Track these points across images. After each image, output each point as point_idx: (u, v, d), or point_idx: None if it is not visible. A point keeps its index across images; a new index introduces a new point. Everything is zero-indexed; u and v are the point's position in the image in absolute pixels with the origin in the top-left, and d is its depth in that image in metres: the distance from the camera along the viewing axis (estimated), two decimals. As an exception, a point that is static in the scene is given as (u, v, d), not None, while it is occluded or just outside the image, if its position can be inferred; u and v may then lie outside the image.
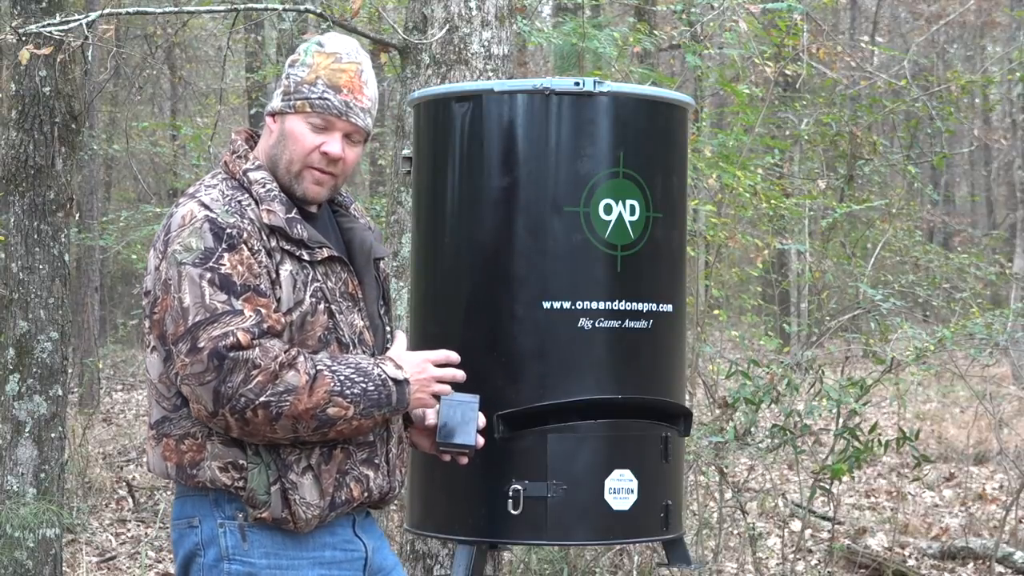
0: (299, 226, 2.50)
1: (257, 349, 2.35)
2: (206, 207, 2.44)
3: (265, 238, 2.46)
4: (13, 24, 5.17)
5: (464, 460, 2.69)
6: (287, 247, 2.48)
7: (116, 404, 13.66)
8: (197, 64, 17.02)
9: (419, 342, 3.23)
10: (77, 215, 8.36)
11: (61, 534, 5.60)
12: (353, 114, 2.55)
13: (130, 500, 8.39)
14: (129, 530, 7.75)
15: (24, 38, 5.01)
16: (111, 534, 7.58)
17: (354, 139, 2.58)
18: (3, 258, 5.67)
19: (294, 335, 2.46)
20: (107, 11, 5.53)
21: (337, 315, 2.51)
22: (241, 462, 2.44)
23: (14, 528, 5.40)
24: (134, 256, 12.34)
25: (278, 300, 2.44)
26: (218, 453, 2.45)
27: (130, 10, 6.05)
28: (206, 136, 10.15)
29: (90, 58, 7.98)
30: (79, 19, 4.89)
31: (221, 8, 5.60)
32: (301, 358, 2.39)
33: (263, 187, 2.51)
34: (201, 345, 2.35)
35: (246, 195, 2.50)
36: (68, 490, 7.13)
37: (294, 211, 2.52)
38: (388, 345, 2.66)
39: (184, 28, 12.77)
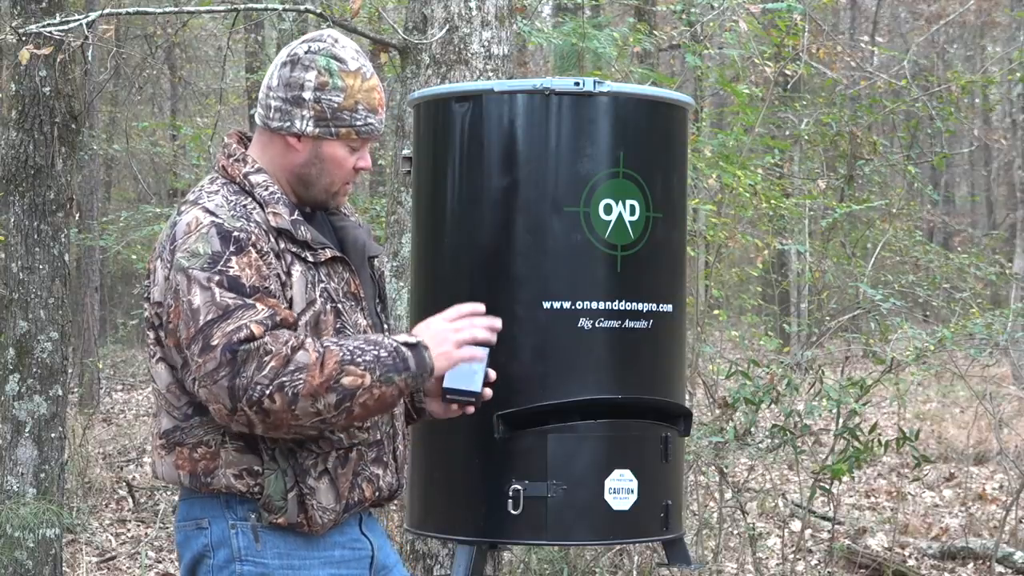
0: (303, 228, 2.50)
1: (268, 336, 2.32)
2: (211, 213, 2.43)
3: (273, 240, 2.45)
4: (13, 24, 5.17)
5: (470, 409, 2.62)
6: (293, 249, 2.48)
7: (116, 404, 13.66)
8: (197, 64, 17.02)
9: (419, 342, 3.23)
10: (77, 215, 8.35)
11: (61, 534, 5.60)
12: (382, 128, 2.60)
13: (130, 500, 8.39)
14: (129, 530, 7.75)
15: (24, 38, 5.01)
16: (111, 534, 7.58)
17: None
18: (3, 258, 5.67)
19: (308, 335, 2.45)
20: (107, 11, 5.54)
21: (342, 315, 2.51)
22: (257, 468, 2.43)
23: (14, 528, 5.40)
24: (134, 256, 12.32)
25: (289, 301, 2.44)
26: (232, 460, 2.44)
27: (130, 10, 6.05)
28: (206, 136, 10.15)
29: (90, 58, 7.98)
30: (79, 19, 4.89)
31: (221, 8, 5.60)
32: (310, 339, 2.37)
33: (266, 190, 2.51)
34: (215, 343, 2.31)
35: (249, 199, 2.50)
36: (68, 490, 7.13)
37: (296, 213, 2.52)
38: None
39: (184, 28, 12.77)
